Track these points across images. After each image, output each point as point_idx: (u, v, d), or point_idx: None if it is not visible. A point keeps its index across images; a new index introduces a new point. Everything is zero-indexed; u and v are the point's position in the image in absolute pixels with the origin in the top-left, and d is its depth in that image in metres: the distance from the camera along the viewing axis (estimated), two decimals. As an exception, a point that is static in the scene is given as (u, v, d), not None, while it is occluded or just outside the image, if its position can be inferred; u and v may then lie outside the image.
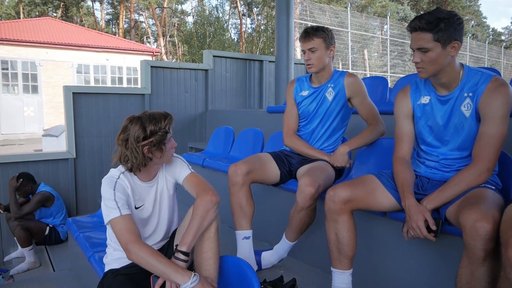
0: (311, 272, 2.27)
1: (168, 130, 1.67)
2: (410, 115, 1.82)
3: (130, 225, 1.59)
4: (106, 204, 1.62)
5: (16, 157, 4.34)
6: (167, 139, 1.67)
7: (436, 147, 1.76)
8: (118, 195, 1.62)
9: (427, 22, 1.56)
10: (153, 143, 1.63)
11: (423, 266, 1.77)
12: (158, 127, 1.63)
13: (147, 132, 1.62)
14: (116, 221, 1.59)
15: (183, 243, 1.59)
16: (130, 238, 1.56)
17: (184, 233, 1.62)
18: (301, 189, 1.98)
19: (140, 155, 1.64)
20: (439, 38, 1.56)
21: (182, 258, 1.57)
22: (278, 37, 5.38)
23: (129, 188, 1.70)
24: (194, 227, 1.61)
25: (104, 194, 1.64)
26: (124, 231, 1.57)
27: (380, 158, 2.30)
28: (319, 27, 2.27)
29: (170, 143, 1.71)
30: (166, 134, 1.65)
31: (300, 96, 2.43)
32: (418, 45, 1.59)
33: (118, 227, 1.59)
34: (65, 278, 3.14)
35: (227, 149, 3.59)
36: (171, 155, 1.75)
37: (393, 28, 16.50)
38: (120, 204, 1.60)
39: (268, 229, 2.64)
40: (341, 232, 1.73)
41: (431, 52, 1.58)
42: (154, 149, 1.64)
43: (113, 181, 1.66)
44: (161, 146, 1.65)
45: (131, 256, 1.56)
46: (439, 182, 1.72)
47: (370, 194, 1.74)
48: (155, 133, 1.63)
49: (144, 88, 4.93)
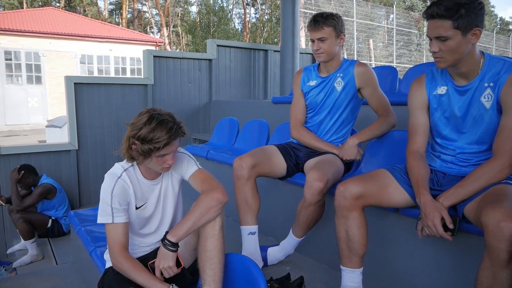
0: (318, 268, 2.21)
1: (158, 147, 1.49)
2: (425, 106, 1.72)
3: (119, 235, 1.58)
4: (102, 206, 1.59)
5: (18, 148, 4.29)
6: (154, 153, 1.51)
7: (452, 140, 1.66)
8: (115, 200, 1.57)
9: (446, 8, 1.45)
10: (138, 148, 1.51)
11: (438, 266, 1.69)
12: (151, 137, 1.48)
13: (138, 134, 1.49)
14: (109, 227, 1.59)
15: (174, 234, 1.52)
16: (115, 249, 1.58)
17: (178, 224, 1.56)
18: (309, 183, 1.90)
19: (128, 149, 1.56)
20: (459, 26, 1.44)
21: (171, 248, 1.52)
22: (283, 26, 5.26)
23: (130, 188, 1.63)
24: (190, 220, 1.53)
25: (102, 194, 1.59)
26: (111, 239, 1.59)
27: (391, 151, 2.21)
28: (329, 14, 2.14)
29: (162, 159, 1.55)
30: (155, 150, 1.49)
31: (307, 86, 2.33)
32: (437, 34, 1.48)
33: (110, 234, 1.60)
34: (67, 272, 3.10)
35: (232, 141, 3.51)
36: (160, 169, 1.60)
37: (399, 18, 16.23)
38: (115, 211, 1.57)
39: (274, 223, 2.56)
40: (352, 229, 1.65)
41: (450, 40, 1.47)
42: (138, 155, 1.53)
43: (113, 181, 1.59)
44: (145, 156, 1.53)
45: (113, 263, 1.60)
46: (456, 177, 1.63)
47: (383, 190, 1.65)
48: (144, 140, 1.48)
49: (147, 78, 4.84)
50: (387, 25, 16.09)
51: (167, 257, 1.53)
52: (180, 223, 1.56)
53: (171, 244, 1.52)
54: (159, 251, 1.55)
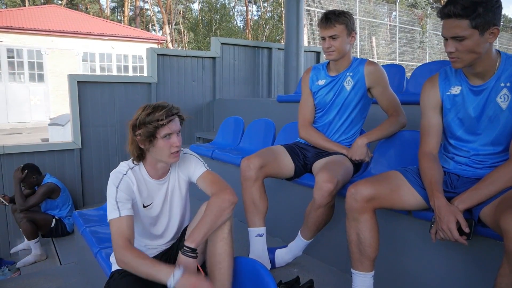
0: (327, 271, 2.17)
1: (160, 124, 1.50)
2: (439, 107, 1.68)
3: (123, 228, 1.51)
4: (109, 201, 1.55)
5: (21, 147, 4.25)
6: (157, 132, 1.52)
7: (466, 141, 1.62)
8: (120, 195, 1.54)
9: (463, 7, 1.40)
10: (141, 134, 1.52)
11: (451, 271, 1.65)
12: (150, 118, 1.51)
13: (137, 121, 1.52)
14: (113, 222, 1.52)
15: (192, 239, 1.48)
16: (119, 243, 1.49)
17: (194, 229, 1.51)
18: (319, 185, 1.86)
19: (134, 144, 1.56)
20: (476, 25, 1.40)
21: (191, 255, 1.47)
22: (287, 23, 5.20)
23: (135, 185, 1.60)
24: (206, 224, 1.50)
25: (108, 190, 1.57)
26: (116, 234, 1.51)
27: (401, 151, 2.17)
28: (341, 12, 2.10)
29: (168, 140, 1.54)
30: (156, 128, 1.50)
31: (316, 85, 2.29)
32: (453, 34, 1.43)
33: (114, 229, 1.52)
34: (71, 272, 3.08)
35: (237, 140, 3.47)
36: (168, 153, 1.56)
37: (402, 15, 16.13)
38: (120, 205, 1.52)
39: (281, 225, 2.53)
40: (363, 232, 1.61)
41: (467, 40, 1.42)
42: (143, 140, 1.54)
43: (118, 178, 1.58)
44: (150, 138, 1.53)
45: (117, 259, 1.50)
46: (470, 179, 1.59)
47: (395, 192, 1.61)
48: (144, 123, 1.51)
49: (151, 76, 4.81)
50: (389, 22, 15.99)
51: (187, 265, 1.47)
52: (196, 228, 1.51)
53: (191, 250, 1.47)
54: (178, 261, 1.50)
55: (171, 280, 1.37)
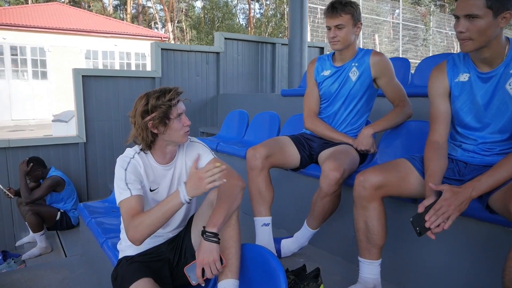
0: (332, 260, 2.17)
1: (173, 103, 1.55)
2: (447, 94, 1.67)
3: (136, 206, 1.49)
4: (118, 185, 1.54)
5: (26, 141, 4.27)
6: (171, 113, 1.55)
7: (474, 129, 1.61)
8: (129, 176, 1.54)
9: None
10: (155, 117, 1.54)
11: (460, 258, 1.64)
12: (161, 101, 1.54)
13: (149, 106, 1.54)
14: (124, 202, 1.50)
15: (213, 224, 1.47)
16: (130, 218, 1.46)
17: (213, 214, 1.51)
18: (325, 174, 1.86)
19: (145, 132, 1.57)
20: (492, 5, 1.39)
21: (214, 239, 1.46)
22: (291, 19, 5.20)
23: (142, 168, 1.61)
24: (223, 208, 1.51)
25: (116, 173, 1.57)
26: (127, 212, 1.48)
27: (407, 142, 2.16)
28: (348, 2, 2.09)
29: (180, 120, 1.58)
30: (169, 108, 1.54)
31: (321, 76, 2.29)
32: (467, 11, 1.42)
33: (124, 208, 1.50)
34: (77, 264, 3.09)
35: (241, 133, 3.48)
36: (183, 133, 1.61)
37: (405, 12, 16.07)
38: (130, 185, 1.52)
39: (285, 215, 2.53)
40: (371, 220, 1.61)
41: (480, 20, 1.41)
42: (158, 124, 1.55)
43: (126, 161, 1.59)
44: (165, 121, 1.55)
45: (131, 235, 1.45)
46: (478, 166, 1.58)
47: (403, 180, 1.60)
48: (157, 106, 1.53)
49: (155, 71, 4.81)
50: (392, 20, 15.93)
51: (211, 250, 1.45)
52: (214, 213, 1.50)
53: (213, 235, 1.46)
54: (200, 248, 1.48)
55: (182, 193, 1.38)
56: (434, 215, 1.37)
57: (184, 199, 1.39)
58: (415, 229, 1.42)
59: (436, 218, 1.36)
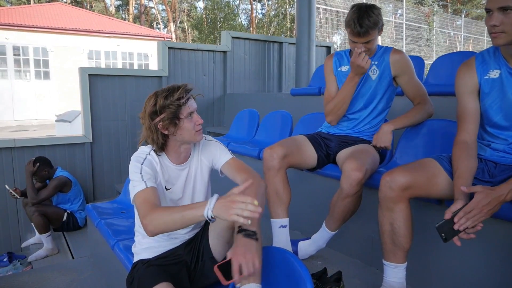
0: (351, 263, 2.11)
1: (182, 102, 1.49)
2: (476, 91, 1.60)
3: (151, 197, 1.40)
4: (132, 179, 1.47)
5: (32, 141, 4.21)
6: (181, 112, 1.49)
7: (504, 128, 1.55)
8: (144, 169, 1.48)
9: None
10: (164, 118, 1.48)
11: (487, 261, 1.58)
12: (170, 100, 1.48)
13: (157, 107, 1.48)
14: (139, 194, 1.42)
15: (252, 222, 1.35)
16: (146, 210, 1.36)
17: None
18: (347, 174, 1.79)
19: (156, 133, 1.51)
20: None
21: (255, 237, 1.37)
22: (299, 18, 5.14)
23: (158, 165, 1.56)
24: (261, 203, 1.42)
25: (131, 168, 1.50)
26: (142, 204, 1.39)
27: (428, 141, 2.10)
28: (372, 14, 1.93)
29: (191, 119, 1.52)
30: (179, 107, 1.48)
31: (339, 71, 2.23)
32: (502, 3, 1.36)
33: (139, 200, 1.41)
34: (85, 266, 3.03)
35: (252, 133, 3.41)
36: (194, 132, 1.54)
37: (408, 12, 16.00)
38: (146, 178, 1.45)
39: (300, 217, 2.47)
40: (398, 222, 1.55)
41: None
42: (168, 125, 1.49)
43: (142, 157, 1.54)
44: (175, 121, 1.49)
45: (148, 229, 1.34)
46: (509, 166, 1.52)
47: (431, 180, 1.54)
48: (165, 107, 1.47)
49: (162, 70, 4.76)
50: (394, 20, 15.86)
51: (250, 248, 1.35)
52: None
53: (253, 233, 1.38)
54: (238, 245, 1.37)
55: (209, 205, 1.24)
56: (464, 217, 1.31)
57: (207, 213, 1.25)
58: (440, 235, 1.35)
59: (466, 221, 1.30)
